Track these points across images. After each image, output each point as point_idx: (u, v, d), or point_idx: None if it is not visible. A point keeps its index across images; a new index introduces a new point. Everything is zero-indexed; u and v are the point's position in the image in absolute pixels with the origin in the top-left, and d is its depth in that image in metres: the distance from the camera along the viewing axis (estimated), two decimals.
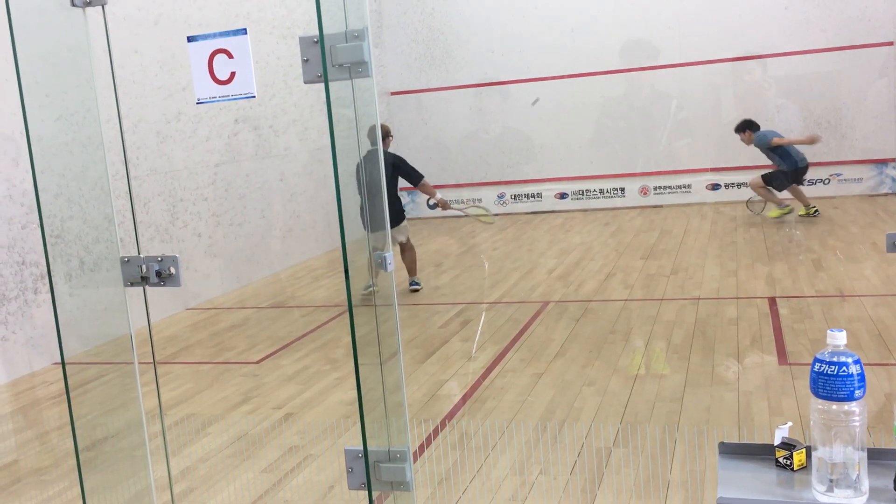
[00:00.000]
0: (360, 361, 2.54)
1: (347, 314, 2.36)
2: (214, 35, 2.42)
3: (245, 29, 2.43)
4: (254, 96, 2.39)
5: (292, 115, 9.78)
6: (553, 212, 11.82)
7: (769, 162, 9.85)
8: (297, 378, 5.46)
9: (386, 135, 7.73)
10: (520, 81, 11.80)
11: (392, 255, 2.53)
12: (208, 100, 2.42)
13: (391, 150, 8.05)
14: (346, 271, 2.42)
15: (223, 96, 2.43)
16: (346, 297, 2.52)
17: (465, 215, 9.30)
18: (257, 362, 5.91)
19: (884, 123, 10.58)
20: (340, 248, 2.44)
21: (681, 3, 10.92)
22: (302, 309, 7.49)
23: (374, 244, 2.54)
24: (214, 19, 8.27)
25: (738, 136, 9.85)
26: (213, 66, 2.39)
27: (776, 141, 9.44)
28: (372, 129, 3.72)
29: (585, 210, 11.66)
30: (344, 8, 2.32)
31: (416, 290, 7.65)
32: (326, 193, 10.30)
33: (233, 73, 2.40)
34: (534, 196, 12.04)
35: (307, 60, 2.27)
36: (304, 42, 2.29)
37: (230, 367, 5.85)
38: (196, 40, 2.39)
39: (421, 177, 7.69)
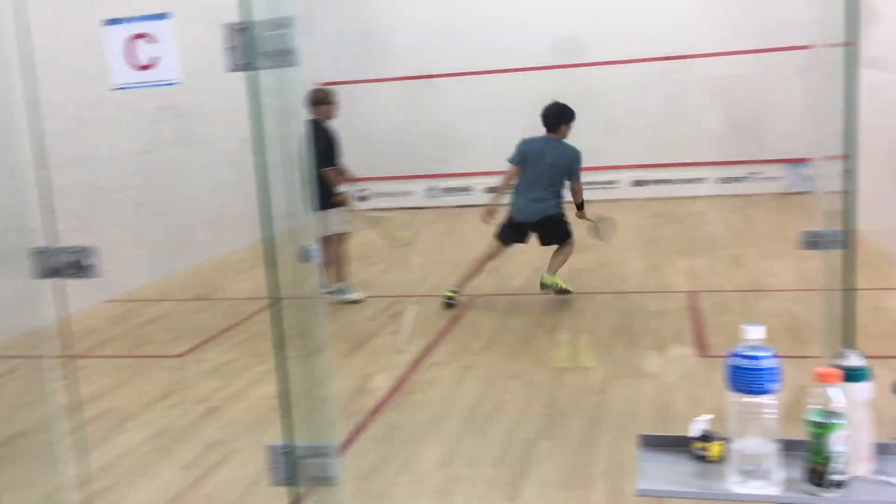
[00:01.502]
0: (284, 355, 2.50)
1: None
2: (136, 19, 2.34)
3: (169, 13, 2.36)
4: (178, 83, 2.33)
5: (219, 104, 9.56)
6: (483, 206, 11.87)
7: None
8: (220, 372, 5.36)
9: (321, 101, 6.73)
10: (451, 75, 11.80)
11: (318, 248, 2.50)
12: (127, 85, 2.34)
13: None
14: (270, 263, 2.38)
15: (144, 82, 2.35)
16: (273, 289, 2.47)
17: (377, 222, 7.33)
18: (180, 356, 5.78)
19: (799, 124, 10.96)
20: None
21: (611, 2, 11.09)
22: (227, 301, 7.35)
23: (298, 236, 2.50)
24: (135, 4, 8.02)
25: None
26: (132, 51, 2.31)
27: None
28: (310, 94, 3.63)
29: None
30: None
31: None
32: (254, 184, 10.11)
33: (155, 59, 2.33)
34: (464, 190, 12.08)
35: (232, 47, 2.22)
36: (230, 29, 2.24)
37: (151, 361, 5.70)
38: (116, 23, 2.31)
39: (327, 165, 6.67)
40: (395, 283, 7.63)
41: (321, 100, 6.80)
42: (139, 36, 2.30)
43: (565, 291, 6.52)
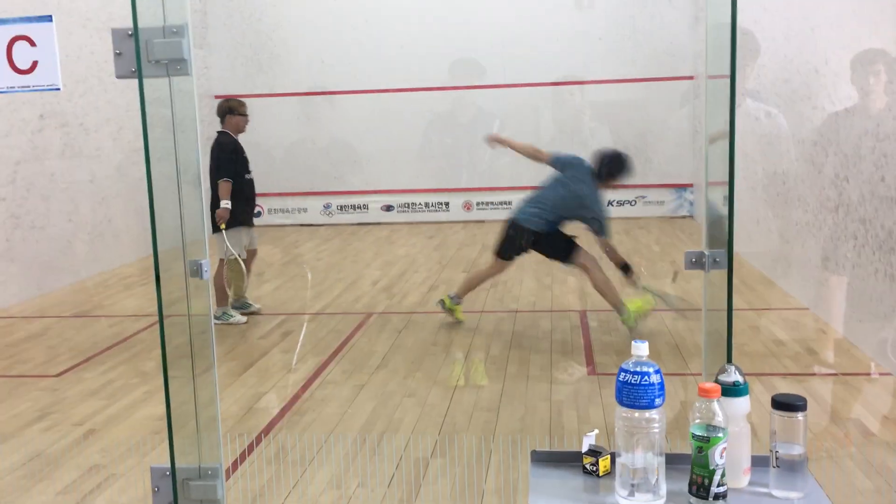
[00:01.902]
0: (170, 374, 2.41)
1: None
2: (14, 20, 2.23)
3: (50, 16, 2.26)
4: (58, 88, 2.23)
5: (106, 114, 9.22)
6: (379, 224, 11.85)
7: None
8: (101, 392, 5.12)
9: (230, 111, 6.62)
10: (349, 92, 11.77)
11: (209, 263, 2.43)
12: (5, 89, 2.22)
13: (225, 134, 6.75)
14: (157, 279, 2.29)
15: (23, 87, 2.24)
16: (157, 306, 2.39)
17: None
18: (57, 375, 5.49)
19: (683, 151, 11.46)
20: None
21: (506, 26, 11.33)
22: (110, 318, 7.04)
23: (188, 250, 2.42)
24: (19, 5, 7.64)
25: None
26: (11, 54, 2.20)
27: None
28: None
29: (410, 223, 11.78)
30: (162, 1, 2.21)
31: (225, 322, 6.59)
32: (142, 196, 9.77)
33: (35, 63, 2.22)
34: (360, 207, 12.03)
35: (120, 54, 2.14)
36: (118, 34, 2.15)
37: (25, 381, 5.39)
38: None
39: (223, 176, 6.47)
40: (288, 301, 7.50)
41: (230, 110, 6.67)
42: (19, 38, 2.19)
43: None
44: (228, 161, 6.58)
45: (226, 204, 6.46)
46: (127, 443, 4.30)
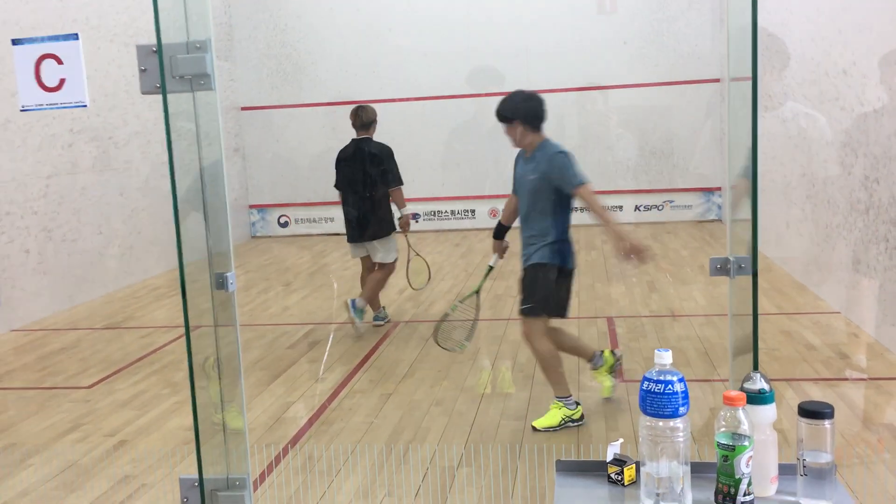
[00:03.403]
0: (197, 385, 2.44)
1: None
2: (42, 39, 2.27)
3: (76, 34, 2.30)
4: (85, 105, 2.26)
5: (134, 127, 9.35)
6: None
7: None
8: (132, 403, 5.18)
9: (373, 120, 6.60)
10: (373, 101, 11.79)
11: (234, 275, 2.45)
12: (34, 107, 2.26)
13: (376, 137, 6.72)
14: (184, 291, 2.32)
15: (51, 104, 2.28)
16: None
17: (409, 254, 6.90)
18: (89, 387, 5.56)
19: (711, 154, 11.37)
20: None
21: (528, 33, 11.33)
22: (140, 330, 7.13)
23: (214, 262, 2.45)
24: (48, 23, 7.79)
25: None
26: (39, 72, 2.24)
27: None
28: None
29: (437, 231, 11.80)
30: (186, 17, 2.24)
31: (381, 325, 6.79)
32: (170, 209, 9.89)
33: (62, 80, 2.26)
34: None
35: (145, 70, 2.18)
36: (142, 51, 2.19)
37: (58, 393, 5.47)
38: (21, 44, 2.24)
39: (398, 183, 6.56)
40: (316, 310, 7.54)
41: (373, 119, 6.66)
42: (47, 56, 2.23)
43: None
44: (397, 168, 6.62)
45: (406, 210, 6.65)
46: (157, 453, 4.34)
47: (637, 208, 11.66)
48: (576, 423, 4.41)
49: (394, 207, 6.69)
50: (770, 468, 1.67)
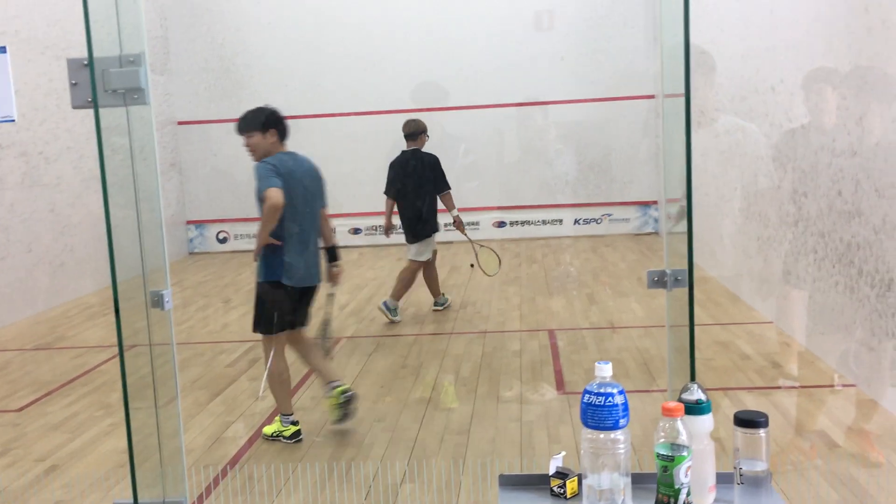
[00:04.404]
0: (132, 406, 2.38)
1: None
2: None
3: (4, 47, 2.24)
4: (13, 120, 2.20)
5: (66, 142, 9.11)
6: (346, 247, 11.81)
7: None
8: (64, 426, 5.02)
9: (423, 131, 7.19)
10: (313, 116, 11.75)
11: (170, 293, 2.40)
12: None
13: (426, 148, 7.31)
14: (117, 310, 2.26)
15: None
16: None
17: (474, 248, 7.81)
18: (18, 410, 5.37)
19: (647, 168, 11.60)
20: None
21: (469, 49, 11.42)
22: (73, 350, 6.92)
23: (149, 280, 2.39)
24: None
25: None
26: None
27: None
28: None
29: (378, 245, 11.75)
30: (119, 30, 2.20)
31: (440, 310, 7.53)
32: (103, 226, 9.65)
33: None
34: None
35: (76, 84, 2.13)
36: (73, 64, 2.14)
37: None
38: None
39: (448, 187, 7.30)
40: None
41: (423, 130, 7.22)
42: None
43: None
44: (444, 174, 7.27)
45: (456, 213, 7.41)
46: (91, 477, 4.21)
47: (576, 222, 11.81)
48: (286, 440, 4.59)
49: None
50: (708, 477, 1.70)
